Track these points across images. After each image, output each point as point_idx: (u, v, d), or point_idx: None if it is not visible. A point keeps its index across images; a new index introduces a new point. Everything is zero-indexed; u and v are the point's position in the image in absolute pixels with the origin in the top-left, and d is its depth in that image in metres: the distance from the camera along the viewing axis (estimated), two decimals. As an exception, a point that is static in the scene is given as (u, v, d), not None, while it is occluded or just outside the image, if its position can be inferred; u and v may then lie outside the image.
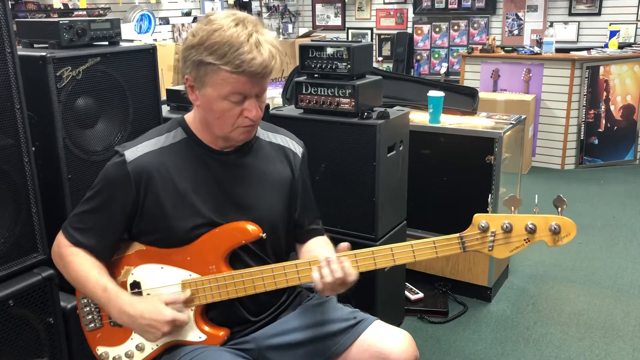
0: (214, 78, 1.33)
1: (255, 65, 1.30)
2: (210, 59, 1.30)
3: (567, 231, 1.28)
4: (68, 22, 1.91)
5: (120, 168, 1.41)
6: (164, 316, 1.37)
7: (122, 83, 2.01)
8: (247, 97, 1.36)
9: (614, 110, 5.34)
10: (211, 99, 1.36)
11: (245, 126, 1.40)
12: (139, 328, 1.40)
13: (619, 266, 3.42)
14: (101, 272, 1.44)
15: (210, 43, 1.30)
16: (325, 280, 1.33)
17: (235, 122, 1.38)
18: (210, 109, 1.38)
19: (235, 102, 1.35)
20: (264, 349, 1.49)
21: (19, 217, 1.66)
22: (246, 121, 1.39)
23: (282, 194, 1.54)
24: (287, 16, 7.24)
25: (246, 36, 1.30)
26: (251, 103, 1.37)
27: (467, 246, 1.33)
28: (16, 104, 1.62)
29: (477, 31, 6.45)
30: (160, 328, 1.37)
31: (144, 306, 1.39)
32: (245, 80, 1.32)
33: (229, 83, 1.32)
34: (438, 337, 2.73)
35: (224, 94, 1.34)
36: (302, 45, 2.50)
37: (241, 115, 1.38)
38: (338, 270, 1.34)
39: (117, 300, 1.40)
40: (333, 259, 1.34)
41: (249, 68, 1.30)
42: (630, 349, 2.62)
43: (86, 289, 1.45)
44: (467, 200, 2.89)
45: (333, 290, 1.36)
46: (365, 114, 2.36)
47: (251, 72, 1.31)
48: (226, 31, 1.30)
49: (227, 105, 1.35)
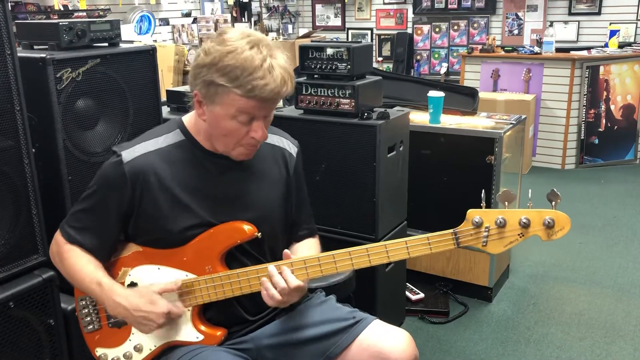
0: (224, 99, 1.33)
1: (267, 91, 1.30)
2: (222, 81, 1.30)
3: (561, 225, 1.28)
4: (68, 24, 1.91)
5: (117, 168, 1.41)
6: (159, 308, 1.37)
7: (122, 84, 2.01)
8: (255, 118, 1.37)
9: (614, 110, 5.34)
10: (219, 117, 1.36)
11: (250, 145, 1.41)
12: (134, 320, 1.40)
13: (619, 266, 3.42)
14: (97, 268, 1.45)
15: (223, 65, 1.29)
16: (274, 298, 1.36)
17: (240, 141, 1.40)
18: (217, 126, 1.39)
19: (242, 122, 1.36)
20: (262, 349, 1.50)
21: (19, 218, 1.66)
22: (251, 141, 1.40)
23: (278, 194, 1.55)
24: (287, 16, 7.24)
25: (260, 61, 1.29)
26: (259, 124, 1.38)
27: (461, 242, 1.33)
28: (16, 105, 1.62)
29: (477, 31, 6.45)
30: (155, 320, 1.38)
31: (139, 299, 1.39)
32: (255, 104, 1.33)
33: (237, 105, 1.32)
34: (439, 338, 2.73)
35: (232, 114, 1.34)
36: (302, 45, 2.50)
37: (247, 135, 1.39)
38: (280, 281, 1.36)
39: (111, 294, 1.41)
40: (274, 273, 1.37)
41: (260, 94, 1.30)
42: (631, 348, 2.62)
43: (81, 284, 1.46)
44: (467, 200, 2.87)
45: (283, 303, 1.38)
46: (366, 114, 2.37)
47: (262, 98, 1.31)
48: (240, 54, 1.29)
49: (234, 125, 1.36)
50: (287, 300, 1.38)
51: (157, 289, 1.40)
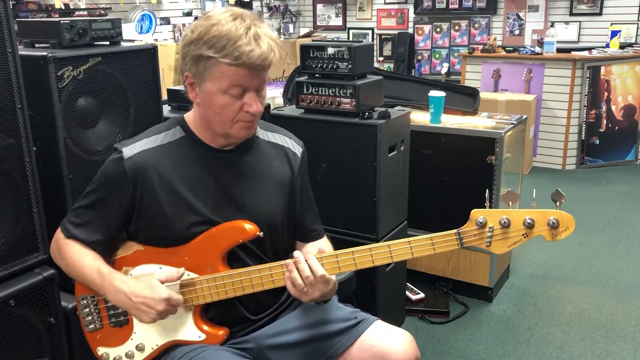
0: (213, 72, 1.33)
1: (254, 57, 1.31)
2: (210, 53, 1.31)
3: (566, 225, 1.28)
4: (69, 22, 1.91)
5: (118, 164, 1.42)
6: (159, 294, 1.36)
7: (123, 83, 2.01)
8: (247, 90, 1.36)
9: (615, 111, 5.34)
10: (211, 93, 1.36)
11: (246, 121, 1.40)
12: (134, 307, 1.38)
13: (620, 266, 3.42)
14: (95, 258, 1.45)
15: (209, 37, 1.32)
16: (296, 283, 1.32)
17: (235, 116, 1.38)
18: (210, 105, 1.38)
19: (235, 95, 1.36)
20: (264, 349, 1.49)
21: (20, 217, 1.66)
22: (247, 116, 1.39)
23: (281, 194, 1.54)
24: (288, 16, 7.24)
25: (244, 29, 1.31)
26: (251, 97, 1.37)
27: (465, 242, 1.33)
28: (17, 103, 1.62)
29: (478, 31, 6.45)
30: (155, 306, 1.36)
31: (138, 284, 1.39)
32: (245, 73, 1.33)
33: (228, 76, 1.33)
34: (439, 338, 2.73)
35: (223, 87, 1.34)
36: (303, 45, 2.50)
37: (241, 110, 1.38)
38: (305, 269, 1.32)
39: (111, 281, 1.40)
40: (300, 259, 1.33)
41: (248, 60, 1.31)
42: (631, 349, 2.62)
43: (81, 274, 1.45)
44: (468, 200, 2.88)
45: (309, 295, 1.34)
46: (366, 114, 2.36)
47: (250, 64, 1.31)
48: (224, 25, 1.31)
49: (227, 99, 1.36)
50: (310, 291, 1.33)
51: (159, 277, 1.40)
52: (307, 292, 1.33)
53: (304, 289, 1.33)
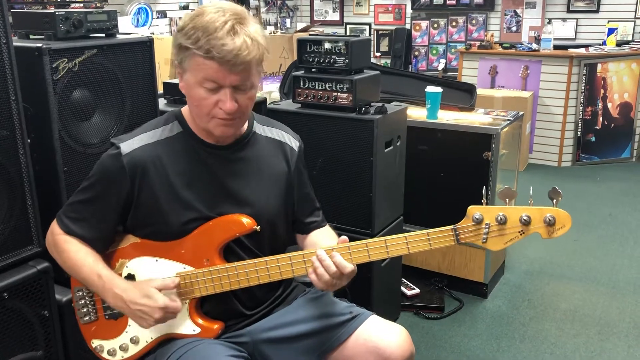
0: (190, 63, 1.33)
1: (224, 51, 1.28)
2: (187, 43, 1.31)
3: (562, 223, 1.28)
4: (64, 14, 1.89)
5: (116, 160, 1.41)
6: (156, 302, 1.36)
7: (118, 75, 1.99)
8: (222, 86, 1.34)
9: (611, 108, 5.35)
10: (190, 84, 1.36)
11: (220, 118, 1.37)
12: (132, 314, 1.40)
13: (614, 263, 3.43)
14: (96, 260, 1.45)
15: (188, 28, 1.32)
16: (322, 279, 1.34)
17: (210, 111, 1.36)
18: (190, 96, 1.39)
19: (209, 89, 1.34)
20: (258, 343, 1.49)
21: (14, 209, 1.65)
22: (220, 112, 1.36)
23: (279, 188, 1.54)
24: (285, 11, 7.22)
25: (222, 23, 1.30)
26: (225, 94, 1.34)
27: (461, 238, 1.32)
28: (11, 95, 1.61)
29: (476, 27, 6.44)
30: (152, 314, 1.37)
31: (135, 292, 1.38)
32: (216, 67, 1.30)
33: (202, 69, 1.32)
34: (434, 333, 2.74)
35: (198, 79, 1.33)
36: (300, 39, 2.49)
37: (216, 106, 1.36)
38: (331, 265, 1.34)
39: (111, 286, 1.41)
40: (323, 257, 1.35)
41: (217, 54, 1.28)
42: (625, 345, 2.63)
43: (81, 276, 1.46)
44: (464, 196, 2.88)
45: (333, 286, 1.36)
46: (363, 108, 2.36)
47: (220, 59, 1.29)
48: (204, 17, 1.31)
49: (202, 92, 1.35)
50: (337, 283, 1.36)
51: (155, 285, 1.39)
52: (333, 286, 1.36)
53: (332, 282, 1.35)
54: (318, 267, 1.35)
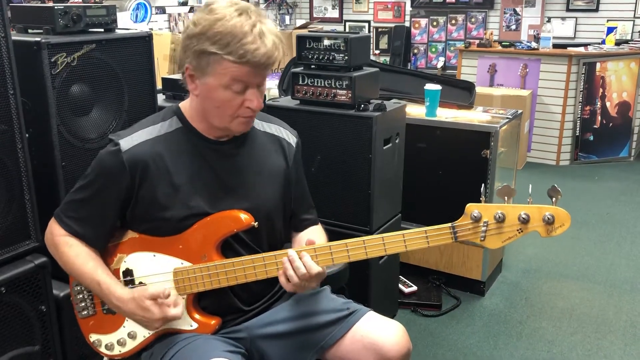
0: (216, 68, 1.32)
1: (259, 55, 1.29)
2: (214, 49, 1.29)
3: (561, 221, 1.27)
4: (63, 8, 1.89)
5: (116, 157, 1.40)
6: (153, 315, 1.38)
7: (117, 70, 1.99)
8: (249, 86, 1.36)
9: (610, 107, 5.35)
10: (212, 88, 1.35)
11: (246, 117, 1.39)
12: (134, 321, 1.44)
13: (612, 262, 3.44)
14: (95, 265, 1.45)
15: (213, 32, 1.29)
16: (293, 281, 1.35)
17: (236, 112, 1.38)
18: (209, 98, 1.37)
19: (237, 91, 1.35)
20: (256, 338, 1.49)
21: (12, 204, 1.65)
22: (247, 111, 1.38)
23: (277, 184, 1.54)
24: (285, 7, 7.21)
25: (250, 26, 1.30)
26: (253, 93, 1.37)
27: (459, 236, 1.32)
28: (10, 89, 1.61)
29: (475, 26, 6.44)
30: (152, 324, 1.41)
31: (133, 305, 1.40)
32: (248, 70, 1.32)
33: (231, 72, 1.31)
34: (431, 331, 2.74)
35: (225, 83, 1.33)
36: (299, 35, 2.48)
37: (242, 106, 1.37)
38: (301, 267, 1.35)
39: (109, 296, 1.42)
40: (294, 257, 1.36)
41: (252, 58, 1.29)
42: (621, 343, 2.64)
43: (82, 282, 1.47)
44: (462, 194, 2.88)
45: (302, 287, 1.38)
46: (362, 106, 2.36)
47: (255, 62, 1.30)
48: (229, 21, 1.29)
49: (228, 94, 1.35)
50: (306, 285, 1.37)
51: (148, 295, 1.39)
52: (303, 287, 1.37)
53: (301, 284, 1.36)
54: (288, 269, 1.36)
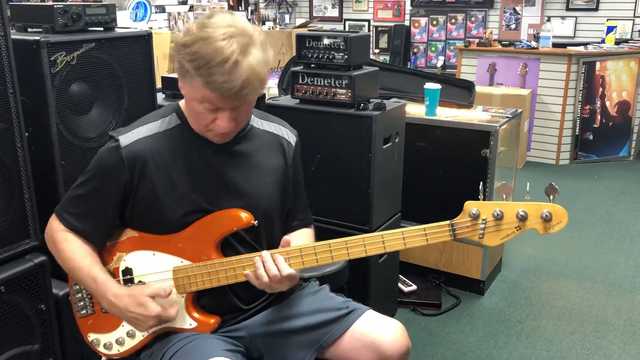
0: (192, 82, 1.31)
1: (223, 89, 1.27)
2: (188, 66, 1.28)
3: (559, 219, 1.28)
4: (63, 7, 1.89)
5: (115, 153, 1.40)
6: (149, 312, 1.38)
7: (117, 69, 1.99)
8: (220, 109, 1.34)
9: (609, 106, 5.35)
10: (190, 97, 1.35)
11: (219, 133, 1.38)
12: (126, 319, 1.42)
13: (611, 261, 3.44)
14: (92, 262, 1.44)
15: (192, 50, 1.27)
16: (262, 280, 1.37)
17: (208, 125, 1.37)
18: (189, 105, 1.38)
19: (208, 109, 1.34)
20: (255, 337, 1.49)
21: (12, 203, 1.65)
22: (218, 128, 1.36)
23: (276, 182, 1.54)
24: (284, 6, 7.20)
25: (227, 55, 1.25)
26: (224, 116, 1.34)
27: (458, 233, 1.33)
28: (9, 88, 1.61)
29: (475, 25, 6.44)
30: (146, 322, 1.39)
31: (129, 300, 1.39)
32: (216, 97, 1.29)
33: (202, 93, 1.30)
34: (430, 330, 2.74)
35: (198, 98, 1.32)
36: (299, 34, 2.48)
37: (214, 122, 1.36)
38: (272, 267, 1.36)
39: (105, 292, 1.41)
40: (267, 258, 1.37)
41: (218, 89, 1.27)
42: (621, 343, 2.64)
43: (78, 278, 1.46)
44: (462, 193, 2.88)
45: (271, 288, 1.39)
46: (362, 105, 2.36)
47: (222, 92, 1.28)
48: (210, 44, 1.25)
49: (201, 109, 1.34)
50: (276, 287, 1.39)
51: (148, 292, 1.39)
52: (273, 287, 1.39)
53: (270, 285, 1.37)
54: (259, 268, 1.37)
